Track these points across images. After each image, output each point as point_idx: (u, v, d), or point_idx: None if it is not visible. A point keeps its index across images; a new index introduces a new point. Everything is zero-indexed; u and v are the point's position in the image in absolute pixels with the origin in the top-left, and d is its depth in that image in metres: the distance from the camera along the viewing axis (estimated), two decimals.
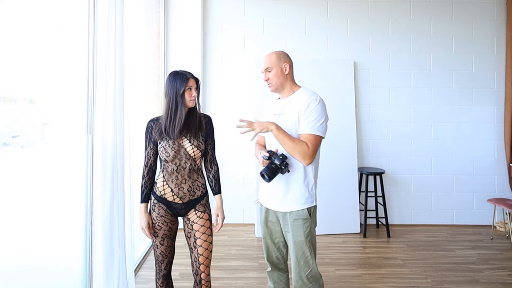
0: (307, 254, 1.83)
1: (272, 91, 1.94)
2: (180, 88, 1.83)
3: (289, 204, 1.86)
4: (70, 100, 2.18)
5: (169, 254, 1.96)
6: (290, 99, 1.89)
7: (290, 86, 1.92)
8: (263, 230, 2.04)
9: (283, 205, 1.88)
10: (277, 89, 1.92)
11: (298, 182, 1.85)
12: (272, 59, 1.90)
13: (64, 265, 2.14)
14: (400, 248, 3.58)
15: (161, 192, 1.90)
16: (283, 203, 1.88)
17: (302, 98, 1.83)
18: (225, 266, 3.11)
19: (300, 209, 1.84)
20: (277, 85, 1.90)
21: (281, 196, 1.88)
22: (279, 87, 1.91)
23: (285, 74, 1.90)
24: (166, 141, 1.85)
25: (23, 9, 1.76)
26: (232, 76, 4.30)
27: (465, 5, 4.30)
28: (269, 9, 4.31)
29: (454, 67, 4.30)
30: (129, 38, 2.54)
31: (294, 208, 1.85)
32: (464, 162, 4.29)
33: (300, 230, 1.84)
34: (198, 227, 1.91)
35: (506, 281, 2.86)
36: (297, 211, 1.84)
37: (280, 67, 1.89)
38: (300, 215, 1.84)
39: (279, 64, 1.90)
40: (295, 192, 1.85)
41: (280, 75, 1.89)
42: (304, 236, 1.83)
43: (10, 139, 1.74)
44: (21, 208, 1.78)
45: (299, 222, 1.84)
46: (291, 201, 1.86)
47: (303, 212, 1.84)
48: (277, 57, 1.91)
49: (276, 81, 1.89)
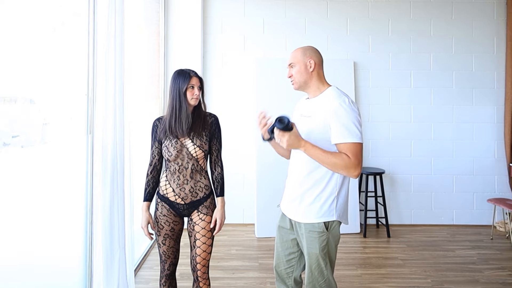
0: (322, 266, 1.68)
1: (295, 89, 1.77)
2: (183, 86, 1.82)
3: (305, 213, 1.70)
4: (70, 100, 2.18)
5: (172, 255, 1.95)
6: (317, 100, 1.71)
7: (316, 85, 1.73)
8: (276, 234, 1.89)
9: (298, 213, 1.73)
10: (301, 87, 1.75)
11: (316, 191, 1.68)
12: (297, 54, 1.74)
13: (64, 265, 2.14)
14: (400, 248, 3.58)
15: (164, 191, 1.89)
16: (298, 211, 1.72)
17: (328, 101, 1.65)
18: (225, 266, 3.11)
19: (316, 222, 1.67)
20: (300, 82, 1.73)
21: (298, 203, 1.72)
22: (302, 85, 1.73)
23: (309, 71, 1.71)
24: (169, 140, 1.85)
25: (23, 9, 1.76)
26: (232, 76, 4.30)
27: (465, 5, 4.30)
28: (269, 9, 4.31)
29: (454, 67, 4.30)
30: (129, 38, 2.54)
31: (308, 220, 1.68)
32: (464, 162, 4.29)
33: (315, 242, 1.67)
34: (199, 228, 1.90)
35: (506, 281, 2.86)
36: (312, 224, 1.67)
37: (304, 63, 1.71)
38: (315, 228, 1.67)
39: (303, 59, 1.72)
40: (312, 201, 1.68)
41: (303, 72, 1.71)
42: (319, 250, 1.67)
43: (10, 139, 1.74)
44: (21, 208, 1.78)
45: (314, 234, 1.67)
46: (306, 210, 1.69)
47: (318, 225, 1.66)
48: (302, 52, 1.73)
49: (299, 78, 1.72)
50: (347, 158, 1.56)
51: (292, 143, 1.57)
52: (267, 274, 2.94)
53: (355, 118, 1.60)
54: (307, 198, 1.69)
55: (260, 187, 3.98)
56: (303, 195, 1.70)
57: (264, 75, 4.10)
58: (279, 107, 3.96)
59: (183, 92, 1.82)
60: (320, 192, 1.67)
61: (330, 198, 1.67)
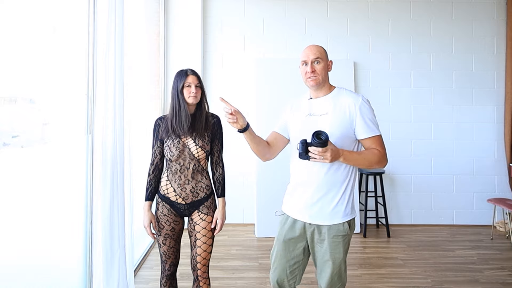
0: (342, 269, 1.69)
1: (312, 85, 1.70)
2: (179, 84, 1.84)
3: (330, 216, 1.66)
4: (70, 100, 2.18)
5: (172, 255, 1.94)
6: (329, 99, 1.70)
7: (328, 85, 1.75)
8: (278, 247, 1.79)
9: (322, 216, 1.67)
10: (319, 85, 1.70)
11: (340, 190, 1.67)
12: (322, 51, 1.73)
13: (64, 265, 2.14)
14: (400, 248, 3.58)
15: (165, 191, 1.89)
16: (320, 214, 1.67)
17: (348, 99, 1.67)
18: (225, 266, 3.11)
19: (341, 222, 1.65)
20: (322, 80, 1.70)
21: (320, 207, 1.67)
22: (321, 83, 1.70)
23: (327, 71, 1.75)
24: (172, 140, 1.85)
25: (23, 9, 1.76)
26: (232, 76, 4.29)
27: (465, 5, 4.30)
28: (269, 9, 4.31)
29: (454, 67, 4.30)
30: (129, 38, 2.54)
31: (334, 221, 1.65)
32: (464, 162, 4.29)
33: (339, 247, 1.65)
34: (199, 228, 1.90)
35: (506, 281, 2.86)
36: (337, 226, 1.65)
37: (327, 62, 1.73)
38: (340, 231, 1.64)
39: (326, 59, 1.74)
40: (336, 201, 1.66)
41: (326, 70, 1.72)
42: (343, 253, 1.66)
43: (10, 139, 1.74)
44: (21, 208, 1.78)
45: (338, 239, 1.64)
46: (331, 212, 1.66)
47: (344, 227, 1.65)
48: (325, 52, 1.75)
49: (324, 76, 1.70)
50: (378, 152, 1.62)
51: (335, 154, 1.52)
52: (267, 274, 2.93)
53: (373, 112, 1.69)
54: (331, 200, 1.66)
55: (260, 187, 3.98)
56: (325, 197, 1.66)
57: (264, 75, 4.10)
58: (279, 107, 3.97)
59: (180, 91, 1.84)
60: (343, 192, 1.67)
61: (351, 196, 1.70)
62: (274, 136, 1.89)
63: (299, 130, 1.73)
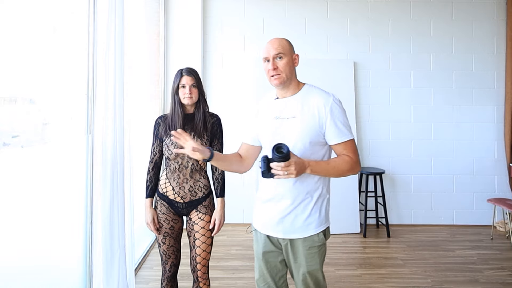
0: (320, 279, 1.56)
1: (277, 84, 1.52)
2: (175, 85, 1.88)
3: (302, 228, 1.52)
4: (70, 100, 2.18)
5: (172, 255, 1.95)
6: (297, 99, 1.52)
7: (295, 83, 1.56)
8: (259, 265, 1.64)
9: (292, 230, 1.53)
10: (284, 83, 1.52)
11: (312, 199, 1.52)
12: (285, 44, 1.53)
13: (64, 265, 2.14)
14: (400, 248, 3.58)
15: (163, 189, 1.90)
16: (292, 227, 1.53)
17: (318, 100, 1.49)
18: (225, 266, 3.11)
19: (316, 233, 1.52)
20: (287, 77, 1.51)
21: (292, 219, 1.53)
22: (286, 81, 1.51)
23: (293, 67, 1.55)
24: (170, 139, 1.86)
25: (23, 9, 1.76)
26: (232, 76, 4.29)
27: (465, 5, 4.30)
28: (269, 9, 4.31)
29: (454, 67, 4.30)
30: (129, 38, 2.54)
31: (308, 233, 1.52)
32: (464, 162, 4.29)
33: (315, 258, 1.53)
34: (198, 228, 1.91)
35: (506, 281, 2.86)
36: (311, 237, 1.52)
37: (292, 57, 1.53)
38: (315, 242, 1.52)
39: (291, 52, 1.53)
40: (309, 212, 1.52)
41: (291, 66, 1.52)
42: (320, 264, 1.54)
43: (10, 139, 1.74)
44: (21, 208, 1.78)
45: (314, 250, 1.52)
46: (303, 224, 1.52)
47: (319, 238, 1.52)
48: (290, 45, 1.55)
49: (288, 73, 1.51)
50: (349, 159, 1.47)
51: (300, 168, 1.38)
52: None
53: (345, 114, 1.52)
54: (303, 211, 1.51)
55: None
56: (297, 209, 1.52)
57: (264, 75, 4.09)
58: None
59: (175, 92, 1.87)
60: (316, 201, 1.53)
61: (324, 203, 1.55)
62: (245, 149, 1.73)
63: (270, 134, 1.56)
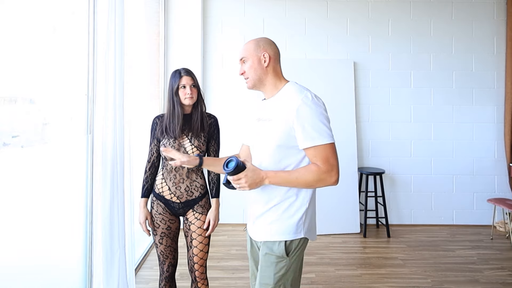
0: None
1: (249, 88, 1.50)
2: (174, 86, 1.85)
3: (262, 229, 1.43)
4: (70, 100, 2.18)
5: (170, 255, 1.95)
6: (275, 100, 1.46)
7: (273, 83, 1.48)
8: (249, 263, 1.60)
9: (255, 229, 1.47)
10: (255, 86, 1.49)
11: (283, 205, 1.40)
12: (249, 46, 1.47)
13: (64, 265, 2.14)
14: (400, 248, 3.58)
15: (160, 189, 1.90)
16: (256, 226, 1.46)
17: (288, 101, 1.39)
18: (225, 266, 3.11)
19: (273, 240, 1.37)
20: (254, 80, 1.47)
21: (255, 217, 1.46)
22: (257, 84, 1.48)
23: (263, 67, 1.45)
24: (167, 139, 1.86)
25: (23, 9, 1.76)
26: (232, 76, 4.29)
27: (465, 5, 4.30)
28: (269, 9, 4.31)
29: (454, 67, 4.30)
30: (129, 38, 2.54)
31: (266, 237, 1.40)
32: (464, 162, 4.29)
33: (269, 270, 1.36)
34: (195, 228, 1.91)
35: (506, 281, 2.86)
36: (270, 243, 1.38)
37: (258, 57, 1.45)
38: (273, 251, 1.37)
39: (256, 53, 1.46)
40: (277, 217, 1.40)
41: (257, 68, 1.45)
42: (273, 280, 1.35)
43: (10, 139, 1.74)
44: (21, 208, 1.78)
45: (271, 259, 1.37)
46: (267, 227, 1.41)
47: (278, 248, 1.36)
48: (255, 45, 1.47)
49: (253, 75, 1.46)
50: (316, 168, 1.32)
51: (253, 181, 1.33)
52: None
53: (321, 114, 1.34)
54: (272, 215, 1.41)
55: None
56: (269, 212, 1.43)
57: None
58: None
59: (175, 92, 1.84)
60: (288, 206, 1.40)
61: (299, 212, 1.40)
62: (244, 150, 1.68)
63: (251, 136, 1.53)
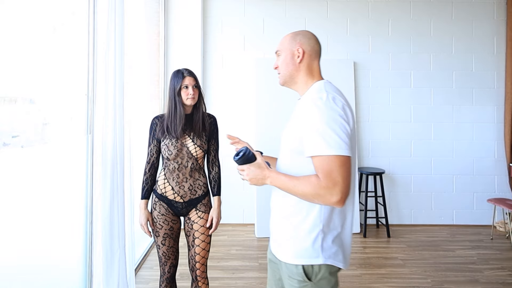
0: None
1: (280, 84, 1.35)
2: (176, 86, 1.84)
3: (282, 249, 1.27)
4: (70, 100, 2.18)
5: (172, 256, 1.95)
6: (301, 100, 1.30)
7: (305, 81, 1.29)
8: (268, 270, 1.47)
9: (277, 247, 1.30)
10: (286, 83, 1.33)
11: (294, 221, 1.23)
12: (285, 39, 1.32)
13: (64, 265, 2.14)
14: (400, 248, 3.58)
15: (162, 190, 1.90)
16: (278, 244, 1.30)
17: (304, 102, 1.24)
18: (225, 266, 3.11)
19: (293, 263, 1.22)
20: (284, 76, 1.31)
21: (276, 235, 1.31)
22: (287, 81, 1.32)
23: (296, 63, 1.29)
24: (169, 139, 1.86)
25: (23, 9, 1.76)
26: (232, 76, 4.29)
27: (465, 5, 4.30)
28: (269, 9, 4.31)
29: (454, 67, 4.30)
30: (129, 38, 2.54)
31: (285, 258, 1.24)
32: (464, 162, 4.29)
33: None
34: (197, 227, 1.91)
35: (506, 281, 2.86)
36: (287, 265, 1.23)
37: (292, 52, 1.29)
38: (294, 274, 1.21)
39: (290, 47, 1.30)
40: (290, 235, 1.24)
41: (289, 63, 1.29)
42: None
43: (10, 139, 1.74)
44: (21, 208, 1.78)
45: (293, 283, 1.22)
46: (284, 245, 1.26)
47: (297, 271, 1.20)
48: (292, 38, 1.31)
49: (284, 71, 1.31)
50: (316, 181, 1.11)
51: (255, 176, 1.22)
52: (267, 274, 2.94)
53: (333, 120, 1.12)
54: (284, 230, 1.26)
55: (260, 187, 3.98)
56: (280, 224, 1.28)
57: (264, 76, 4.10)
58: (279, 108, 3.98)
59: (177, 92, 1.84)
60: (301, 221, 1.22)
61: (313, 232, 1.20)
62: None
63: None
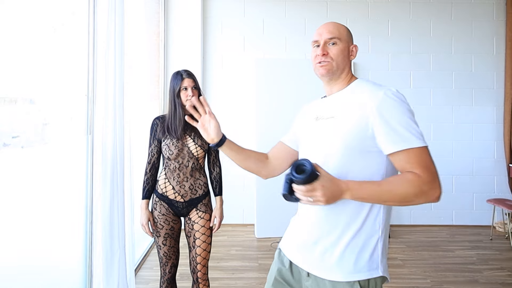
0: None
1: (323, 74, 1.21)
2: (176, 88, 1.85)
3: (332, 267, 1.11)
4: (70, 100, 2.18)
5: (173, 256, 1.95)
6: (342, 96, 1.21)
7: (346, 77, 1.24)
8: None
9: (320, 265, 1.14)
10: (333, 74, 1.21)
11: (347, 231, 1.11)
12: (343, 30, 1.25)
13: (64, 265, 2.14)
14: (399, 248, 3.58)
15: (163, 189, 1.90)
16: (322, 261, 1.14)
17: (363, 96, 1.13)
18: (225, 266, 3.11)
19: (346, 280, 1.09)
20: (337, 66, 1.20)
21: (320, 250, 1.14)
22: (336, 72, 1.21)
23: (349, 59, 1.25)
24: (170, 139, 1.86)
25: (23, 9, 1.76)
26: (232, 76, 4.29)
27: (465, 5, 4.31)
28: (269, 9, 4.31)
29: (453, 67, 4.31)
30: (129, 38, 2.54)
31: (337, 277, 1.10)
32: (463, 163, 4.29)
33: None
34: (198, 227, 1.91)
35: (505, 282, 2.87)
36: (338, 284, 1.09)
37: (349, 46, 1.25)
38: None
39: (348, 39, 1.25)
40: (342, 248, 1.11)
41: (346, 56, 1.22)
42: None
43: (10, 139, 1.74)
44: (21, 208, 1.78)
45: None
46: (336, 262, 1.11)
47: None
48: (349, 32, 1.28)
49: (341, 61, 1.21)
50: (416, 178, 1.01)
51: (331, 193, 1.01)
52: (267, 275, 2.94)
53: (409, 111, 1.10)
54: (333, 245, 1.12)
55: (260, 187, 3.98)
56: (326, 239, 1.14)
57: (264, 76, 4.09)
58: (279, 108, 3.98)
59: (176, 94, 1.85)
60: (354, 235, 1.11)
61: (371, 242, 1.11)
62: (278, 148, 1.42)
63: (307, 138, 1.27)
